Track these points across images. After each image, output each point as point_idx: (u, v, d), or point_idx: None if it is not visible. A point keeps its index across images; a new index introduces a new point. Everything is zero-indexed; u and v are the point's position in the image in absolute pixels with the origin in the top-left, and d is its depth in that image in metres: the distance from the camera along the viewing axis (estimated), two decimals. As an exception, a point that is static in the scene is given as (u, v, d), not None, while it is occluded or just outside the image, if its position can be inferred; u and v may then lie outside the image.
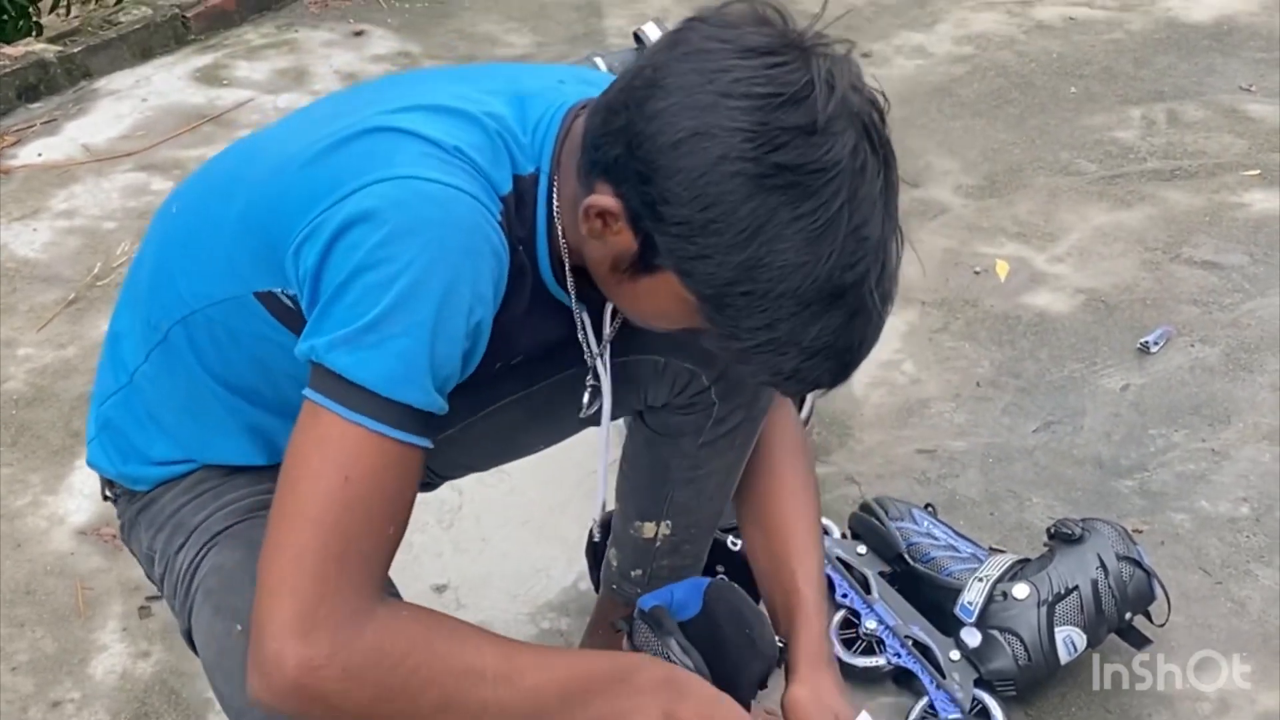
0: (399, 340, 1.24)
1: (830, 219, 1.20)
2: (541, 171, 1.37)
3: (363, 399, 1.24)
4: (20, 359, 3.00)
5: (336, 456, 1.25)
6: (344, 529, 1.24)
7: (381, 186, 1.26)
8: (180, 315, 1.47)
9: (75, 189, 3.78)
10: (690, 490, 1.83)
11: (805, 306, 1.23)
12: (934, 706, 2.03)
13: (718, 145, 1.19)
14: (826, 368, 1.29)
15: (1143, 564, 2.07)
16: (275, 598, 1.23)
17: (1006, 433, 2.69)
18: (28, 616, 2.33)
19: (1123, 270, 3.21)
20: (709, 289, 1.24)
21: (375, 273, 1.23)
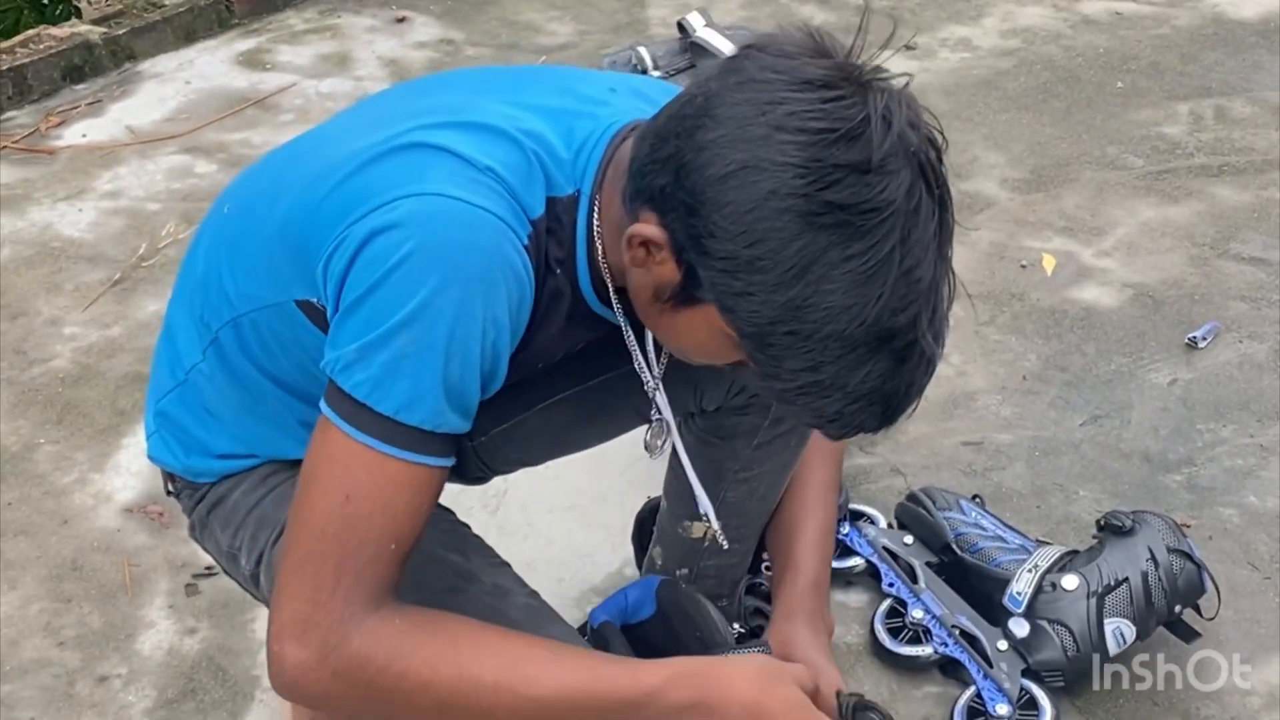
0: (408, 361, 1.23)
1: (881, 261, 1.16)
2: (583, 194, 1.35)
3: (370, 420, 1.25)
4: (66, 338, 3.01)
5: (341, 474, 1.26)
6: (342, 543, 1.26)
7: (408, 203, 1.25)
8: (229, 318, 1.48)
9: (120, 170, 3.80)
10: (742, 490, 1.82)
11: (851, 350, 1.19)
12: (981, 696, 2.02)
13: (768, 180, 1.16)
14: (872, 412, 1.24)
15: (1193, 557, 2.06)
16: (279, 600, 1.27)
17: (1053, 426, 2.67)
18: (75, 592, 2.34)
19: (1170, 265, 3.19)
20: (752, 327, 1.21)
21: (390, 290, 1.22)
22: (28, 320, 3.08)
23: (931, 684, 2.11)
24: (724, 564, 1.93)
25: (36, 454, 2.67)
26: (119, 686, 2.16)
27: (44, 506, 2.54)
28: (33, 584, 2.35)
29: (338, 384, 1.25)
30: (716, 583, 1.95)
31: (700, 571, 1.93)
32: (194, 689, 2.15)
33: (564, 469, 1.90)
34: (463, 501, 2.21)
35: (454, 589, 1.47)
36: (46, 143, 3.97)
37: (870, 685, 2.12)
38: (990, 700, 2.00)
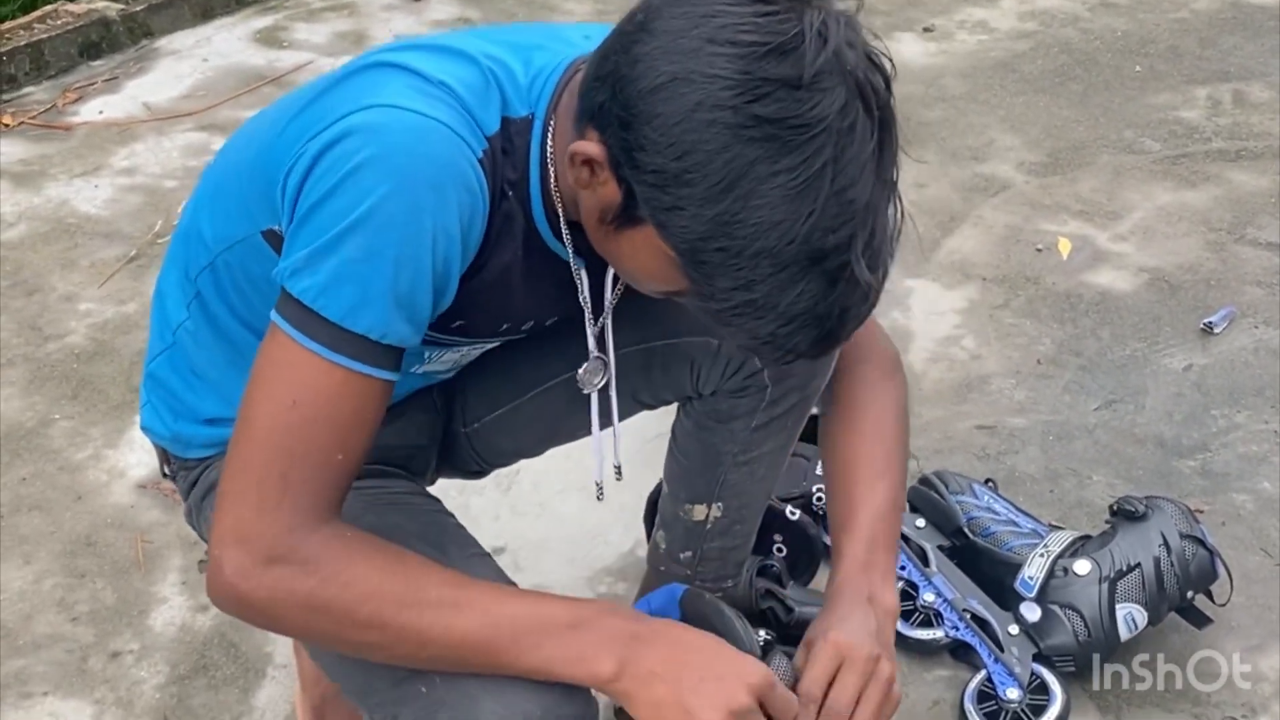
0: (355, 266, 1.23)
1: (811, 177, 1.14)
2: (536, 117, 1.34)
3: (318, 326, 1.24)
4: (82, 314, 3.02)
5: (287, 380, 1.26)
6: (287, 451, 1.25)
7: (361, 114, 1.25)
8: (205, 263, 1.48)
9: (136, 147, 3.80)
10: (742, 472, 1.81)
11: (782, 268, 1.16)
12: (991, 680, 2.02)
13: (696, 92, 1.14)
14: (806, 335, 1.21)
15: (1206, 543, 2.06)
16: (223, 504, 1.27)
17: (1067, 410, 2.67)
18: (88, 568, 2.35)
19: (1186, 250, 3.18)
20: (684, 243, 1.18)
21: (341, 198, 1.22)
22: (43, 296, 3.09)
23: (942, 667, 2.12)
24: (727, 546, 1.93)
25: (51, 430, 2.67)
26: (131, 662, 2.17)
27: (58, 482, 2.55)
28: (46, 559, 2.36)
29: (287, 289, 1.25)
30: (720, 564, 1.95)
31: (704, 554, 1.93)
32: (206, 665, 2.16)
33: (576, 449, 1.90)
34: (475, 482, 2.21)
35: None
36: (63, 119, 3.97)
37: (881, 668, 2.12)
38: (1001, 684, 2.00)
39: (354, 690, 1.45)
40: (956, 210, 3.35)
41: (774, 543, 2.16)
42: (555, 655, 1.29)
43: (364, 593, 1.26)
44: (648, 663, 1.31)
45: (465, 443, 1.83)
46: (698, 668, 1.32)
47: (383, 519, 1.48)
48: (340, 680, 1.48)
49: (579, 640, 1.30)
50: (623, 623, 1.33)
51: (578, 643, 1.30)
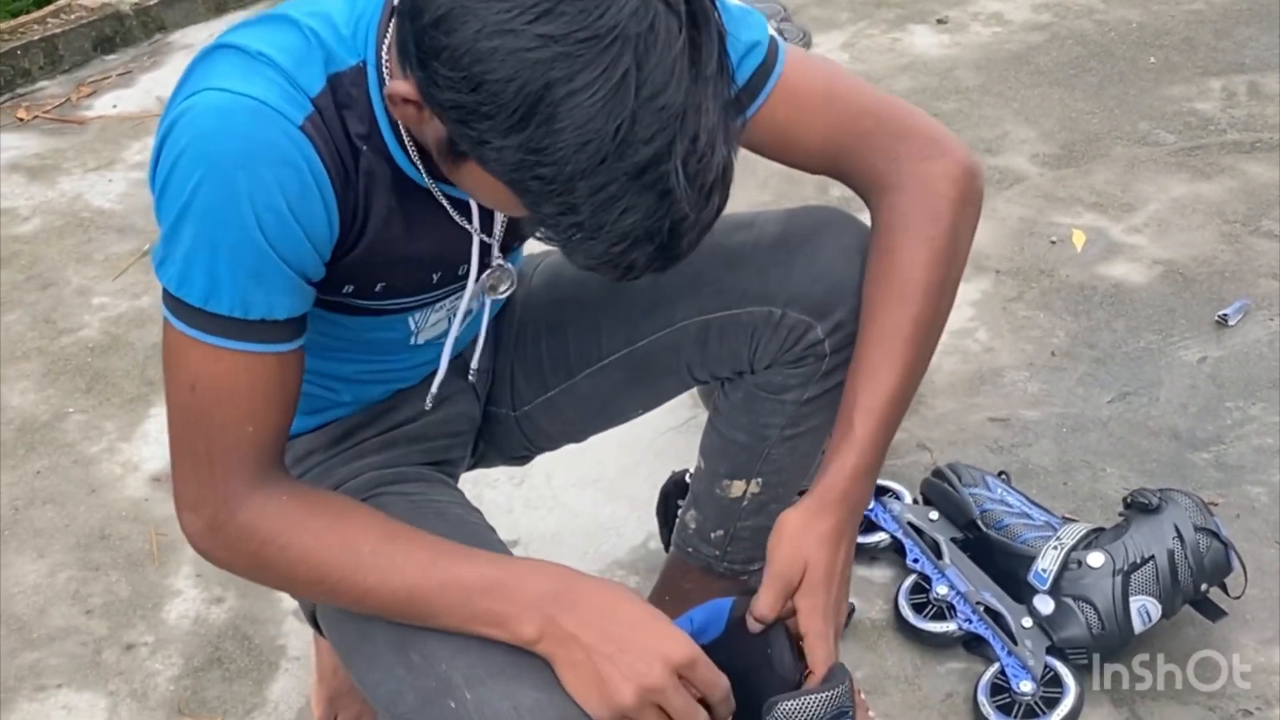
0: (194, 254, 1.26)
1: (611, 90, 1.08)
2: (368, 63, 1.31)
3: (189, 312, 1.29)
4: (95, 307, 3.03)
5: (182, 366, 1.31)
6: (201, 430, 1.32)
7: (181, 104, 1.25)
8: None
9: (150, 141, 3.77)
10: (787, 447, 1.80)
11: (600, 189, 1.11)
12: (1005, 673, 2.02)
13: (475, 19, 1.09)
14: (645, 251, 1.16)
15: (1220, 535, 2.05)
16: (174, 474, 1.37)
17: (1081, 403, 2.66)
18: (102, 561, 2.36)
19: (1201, 242, 3.16)
20: (502, 174, 1.15)
21: (170, 189, 1.25)
22: (57, 290, 3.10)
23: (955, 660, 2.11)
24: (759, 525, 1.91)
25: (65, 423, 2.68)
26: (145, 655, 2.17)
27: (72, 475, 2.55)
28: (61, 552, 2.37)
29: (161, 283, 1.30)
30: (750, 546, 1.93)
31: (736, 534, 1.91)
32: (220, 658, 2.17)
33: (590, 442, 1.90)
34: (489, 474, 2.22)
35: None
36: (77, 113, 3.98)
37: (893, 660, 2.12)
38: (1014, 677, 2.00)
39: (383, 700, 1.44)
40: (970, 203, 3.34)
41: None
42: (480, 614, 1.34)
43: (300, 554, 1.35)
44: (568, 625, 1.32)
45: (515, 427, 1.83)
46: (617, 638, 1.32)
47: (427, 527, 1.47)
48: (370, 689, 1.48)
49: (503, 600, 1.33)
50: (547, 583, 1.35)
51: (502, 602, 1.33)
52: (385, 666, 1.42)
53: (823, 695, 1.41)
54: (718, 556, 1.93)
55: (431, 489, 1.63)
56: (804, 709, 1.40)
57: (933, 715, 2.04)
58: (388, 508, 1.51)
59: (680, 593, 1.95)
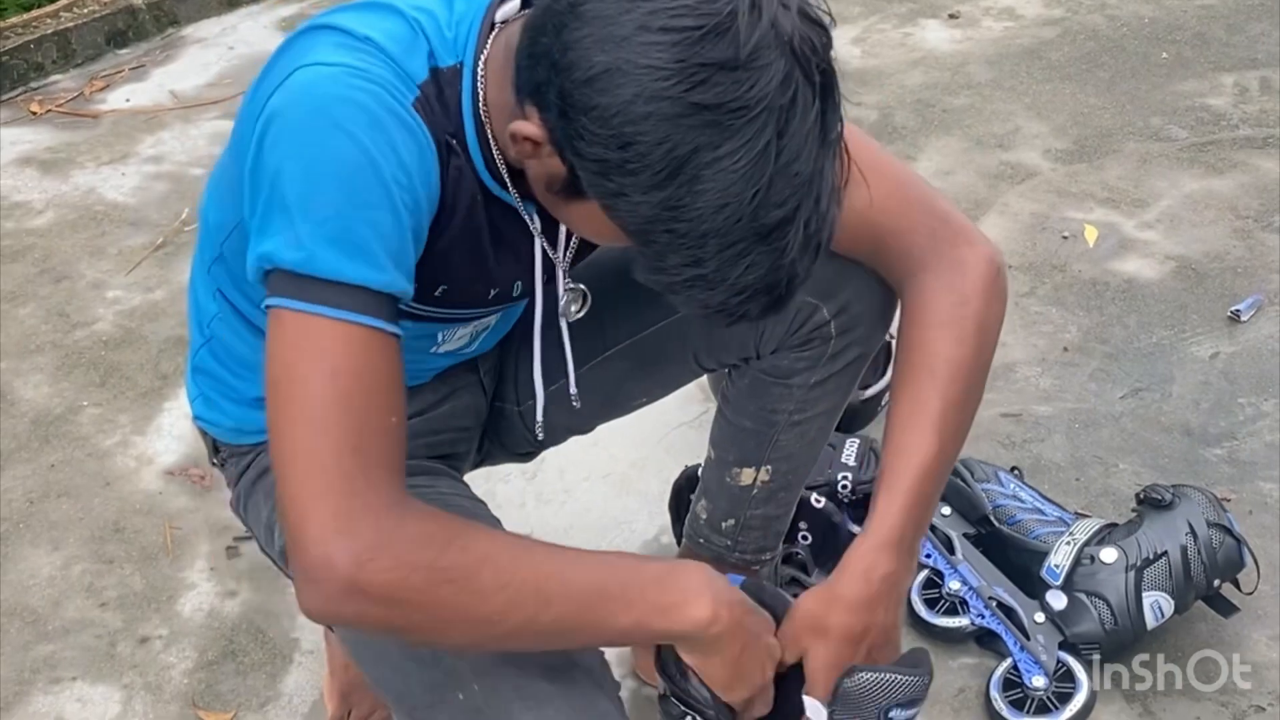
0: (333, 225, 1.20)
1: (755, 158, 1.13)
2: (465, 66, 1.32)
3: (324, 290, 1.20)
4: (109, 301, 3.04)
5: (316, 354, 1.20)
6: (347, 425, 1.19)
7: (290, 80, 1.23)
8: (215, 254, 1.48)
9: (163, 135, 3.82)
10: (795, 433, 1.81)
11: (730, 245, 1.16)
12: (1017, 668, 2.02)
13: (631, 84, 1.12)
14: (757, 302, 1.22)
15: (1233, 531, 2.05)
16: (305, 506, 1.18)
17: (1093, 398, 2.66)
18: (116, 554, 2.36)
19: (1213, 238, 3.16)
20: (632, 225, 1.19)
21: (293, 164, 1.21)
22: (71, 283, 3.11)
23: (968, 655, 2.11)
24: (770, 514, 1.92)
25: (80, 416, 2.69)
26: (160, 648, 2.18)
27: (87, 468, 2.56)
28: (75, 545, 2.38)
29: (280, 267, 1.21)
30: (761, 535, 1.94)
31: (747, 522, 1.92)
32: (234, 651, 2.17)
33: (602, 436, 1.91)
34: (501, 469, 2.22)
35: None
36: (90, 107, 3.99)
37: (906, 655, 2.12)
38: (1026, 672, 2.00)
39: (393, 694, 1.45)
40: (982, 198, 3.35)
41: (799, 530, 2.16)
42: (653, 606, 1.30)
43: (481, 555, 1.23)
44: (735, 613, 1.34)
45: (518, 421, 1.83)
46: (753, 630, 1.38)
47: None
48: (379, 683, 1.48)
49: (673, 589, 1.31)
50: (698, 572, 1.34)
51: (672, 592, 1.31)
52: (393, 661, 1.42)
53: (904, 678, 1.41)
54: (729, 546, 1.93)
55: (437, 481, 1.63)
56: (883, 685, 1.40)
57: (945, 710, 2.04)
58: None
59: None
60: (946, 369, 1.49)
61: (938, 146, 3.54)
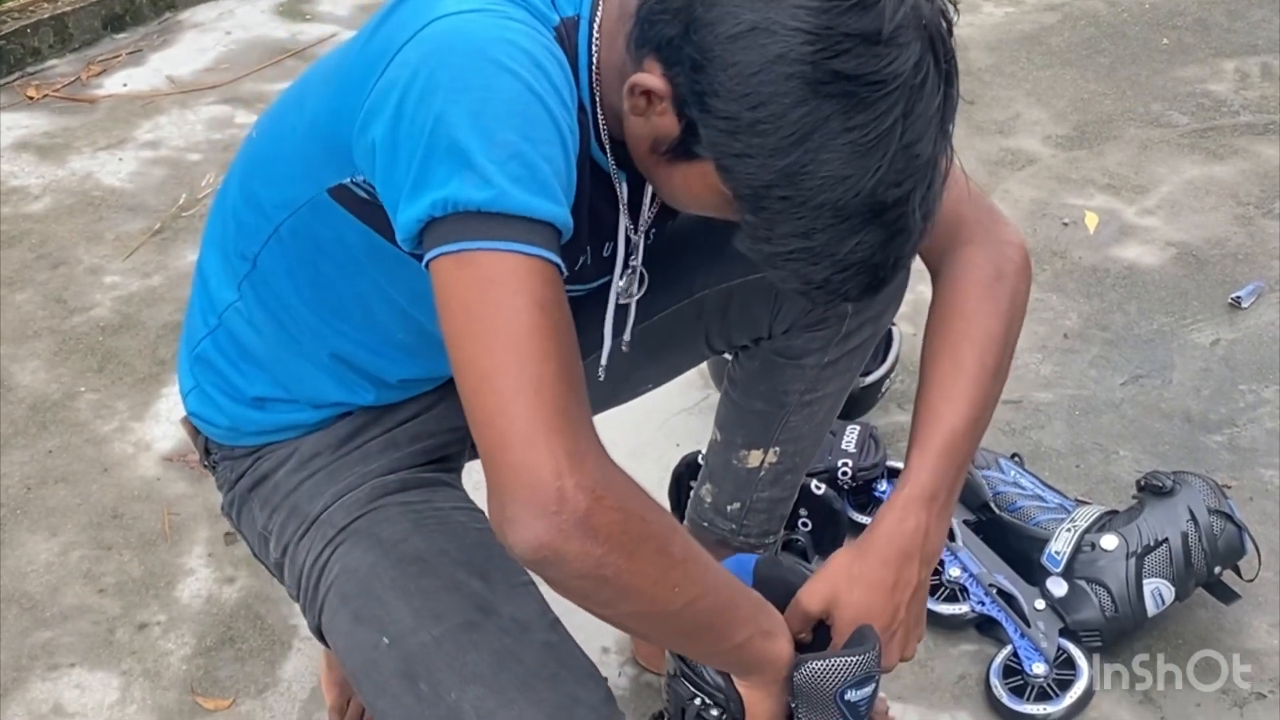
0: (514, 162, 1.16)
1: (883, 134, 1.15)
2: (582, 18, 1.31)
3: (509, 226, 1.16)
4: (107, 287, 3.03)
5: (515, 287, 1.15)
6: (564, 354, 1.16)
7: (429, 30, 1.20)
8: (267, 234, 1.46)
9: (160, 120, 3.80)
10: (804, 414, 1.82)
11: (844, 219, 1.18)
12: (1017, 655, 2.02)
13: (777, 43, 1.14)
14: (858, 281, 1.23)
15: (1234, 518, 2.05)
16: (534, 438, 1.12)
17: (1094, 385, 2.66)
18: (115, 540, 2.36)
19: (1214, 224, 3.16)
20: (747, 189, 1.19)
21: (458, 109, 1.16)
22: (68, 269, 3.10)
23: (968, 642, 2.11)
24: (776, 497, 1.93)
25: (77, 402, 2.68)
26: (158, 634, 2.18)
27: (84, 455, 2.55)
28: (73, 531, 2.37)
29: (455, 209, 1.15)
30: (766, 518, 1.95)
31: (752, 505, 1.93)
32: (232, 637, 2.17)
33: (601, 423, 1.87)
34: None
35: (470, 624, 1.41)
36: (87, 92, 3.98)
37: (906, 642, 2.12)
38: (1027, 659, 2.00)
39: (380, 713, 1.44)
40: (982, 184, 3.31)
41: (799, 517, 2.16)
42: (758, 632, 1.34)
43: (671, 524, 1.23)
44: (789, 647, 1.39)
45: None
46: None
47: (430, 543, 1.48)
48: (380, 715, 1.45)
49: (768, 617, 1.36)
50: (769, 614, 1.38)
51: (769, 619, 1.36)
52: (393, 695, 1.40)
53: (850, 659, 1.41)
54: (734, 530, 1.94)
55: (435, 494, 1.59)
56: (831, 670, 1.40)
57: (945, 697, 2.04)
58: (391, 519, 1.50)
59: None
60: (985, 337, 1.50)
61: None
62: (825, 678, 1.40)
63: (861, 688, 1.42)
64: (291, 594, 1.59)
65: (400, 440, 1.61)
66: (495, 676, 1.34)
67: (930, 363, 1.52)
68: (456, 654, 1.36)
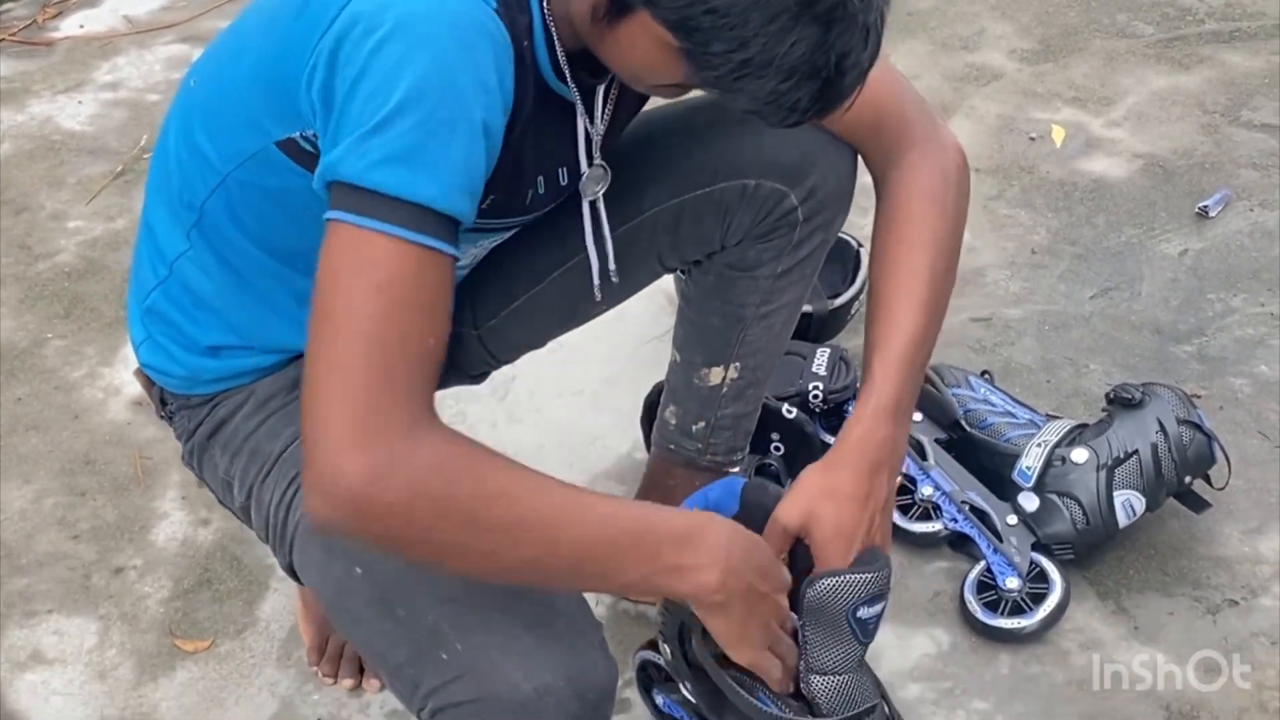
0: (405, 141, 1.19)
1: None
2: None
3: (384, 206, 1.19)
4: (71, 232, 3.00)
5: (366, 268, 1.19)
6: (384, 338, 1.18)
7: None
8: (214, 184, 1.45)
9: (118, 61, 3.75)
10: (761, 326, 1.82)
11: (773, 19, 1.17)
12: (991, 571, 2.03)
13: None
14: (808, 88, 1.22)
15: (1203, 428, 2.06)
16: (326, 414, 1.17)
17: (1063, 299, 2.66)
18: (88, 485, 2.35)
19: (1180, 134, 3.15)
20: (674, 14, 1.20)
21: (373, 79, 1.20)
22: (31, 215, 3.07)
23: (941, 559, 2.12)
24: (739, 413, 1.93)
25: (45, 349, 2.67)
26: (135, 578, 2.18)
27: (54, 401, 2.54)
28: (45, 478, 2.37)
29: (343, 180, 1.21)
30: (731, 435, 1.95)
31: (717, 423, 1.93)
32: (209, 579, 2.17)
33: (572, 353, 1.90)
34: (472, 390, 2.21)
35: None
36: (44, 35, 3.92)
37: (881, 562, 2.13)
38: (1000, 574, 2.01)
39: (374, 654, 1.44)
40: (948, 101, 3.32)
41: (771, 441, 2.16)
42: (665, 567, 1.30)
43: (496, 489, 1.21)
44: (743, 579, 1.35)
45: (477, 344, 1.82)
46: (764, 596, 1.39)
47: None
48: (359, 644, 1.48)
49: (691, 551, 1.31)
50: (724, 533, 1.34)
51: (690, 554, 1.31)
52: (370, 622, 1.40)
53: (863, 576, 1.42)
54: (700, 450, 1.94)
55: None
56: (845, 587, 1.42)
57: (920, 615, 2.05)
58: None
59: (665, 490, 1.96)
60: (935, 242, 1.54)
61: (902, 50, 3.50)
62: (838, 594, 1.42)
63: (873, 605, 1.44)
64: (261, 536, 1.59)
65: None
66: (470, 595, 1.34)
67: (883, 270, 1.55)
68: (430, 578, 1.36)
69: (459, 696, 1.32)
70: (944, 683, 1.96)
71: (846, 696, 1.50)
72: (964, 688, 1.96)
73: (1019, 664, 1.98)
